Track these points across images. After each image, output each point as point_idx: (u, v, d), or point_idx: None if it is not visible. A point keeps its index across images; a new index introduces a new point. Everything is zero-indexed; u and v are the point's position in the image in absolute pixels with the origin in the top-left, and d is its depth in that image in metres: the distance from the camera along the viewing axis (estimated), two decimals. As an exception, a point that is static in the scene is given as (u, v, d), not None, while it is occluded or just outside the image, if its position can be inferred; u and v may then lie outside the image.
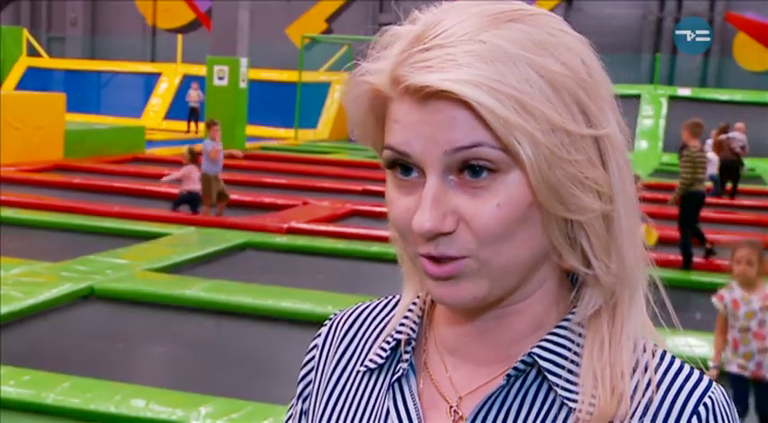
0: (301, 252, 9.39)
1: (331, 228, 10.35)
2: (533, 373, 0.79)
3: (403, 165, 0.75)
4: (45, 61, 28.92)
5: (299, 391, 0.95)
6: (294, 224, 10.26)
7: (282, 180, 14.79)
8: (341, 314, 0.95)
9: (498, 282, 0.75)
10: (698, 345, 6.15)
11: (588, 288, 0.79)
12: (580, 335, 0.79)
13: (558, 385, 0.77)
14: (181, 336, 6.47)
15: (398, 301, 0.91)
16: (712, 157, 14.57)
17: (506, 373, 0.78)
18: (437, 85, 0.70)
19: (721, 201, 14.41)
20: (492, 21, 0.73)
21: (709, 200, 13.67)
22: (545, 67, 0.72)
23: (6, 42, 28.10)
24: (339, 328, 0.93)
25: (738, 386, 4.78)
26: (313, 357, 0.94)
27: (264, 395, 5.07)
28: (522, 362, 0.78)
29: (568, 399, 0.77)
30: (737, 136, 17.43)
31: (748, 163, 18.18)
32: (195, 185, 10.99)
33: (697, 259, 9.19)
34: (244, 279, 7.80)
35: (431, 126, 0.72)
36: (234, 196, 11.45)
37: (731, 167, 15.49)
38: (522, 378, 0.79)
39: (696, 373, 0.79)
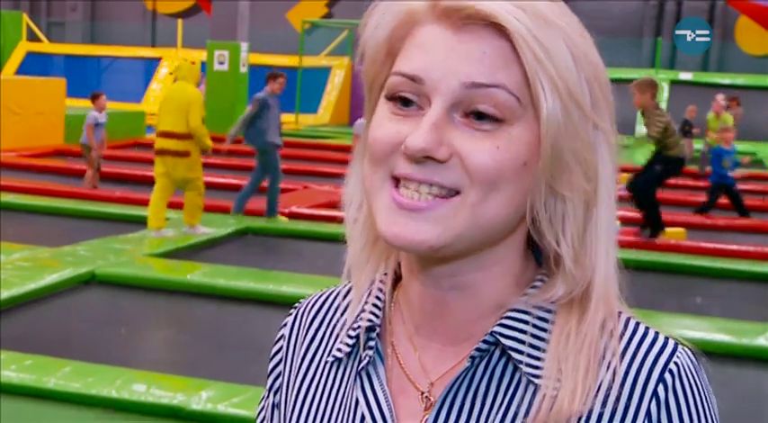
0: (302, 237, 9.39)
1: (332, 212, 10.34)
2: (497, 353, 0.78)
3: (403, 99, 0.74)
4: (45, 46, 28.82)
5: (269, 384, 0.92)
6: (295, 209, 10.25)
7: (283, 165, 14.74)
8: (305, 302, 0.92)
9: (466, 235, 0.73)
10: (698, 327, 6.17)
11: (557, 275, 0.77)
12: (546, 320, 0.77)
13: (521, 362, 0.76)
14: (182, 321, 6.48)
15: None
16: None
17: (470, 354, 0.77)
18: (480, 7, 0.70)
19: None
20: None
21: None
22: (574, 43, 0.73)
23: (6, 27, 28.01)
24: (305, 318, 0.91)
25: None
26: (281, 348, 0.92)
27: (265, 380, 5.06)
28: (485, 342, 0.77)
29: (533, 375, 0.76)
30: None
31: (751, 147, 18.10)
32: None
33: (694, 243, 9.16)
34: (244, 264, 7.81)
35: (456, 55, 0.71)
36: (234, 181, 11.44)
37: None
38: (486, 359, 0.78)
39: (661, 338, 0.77)
